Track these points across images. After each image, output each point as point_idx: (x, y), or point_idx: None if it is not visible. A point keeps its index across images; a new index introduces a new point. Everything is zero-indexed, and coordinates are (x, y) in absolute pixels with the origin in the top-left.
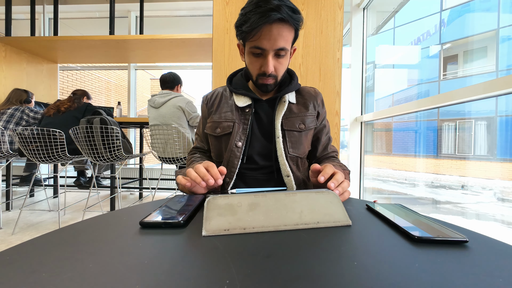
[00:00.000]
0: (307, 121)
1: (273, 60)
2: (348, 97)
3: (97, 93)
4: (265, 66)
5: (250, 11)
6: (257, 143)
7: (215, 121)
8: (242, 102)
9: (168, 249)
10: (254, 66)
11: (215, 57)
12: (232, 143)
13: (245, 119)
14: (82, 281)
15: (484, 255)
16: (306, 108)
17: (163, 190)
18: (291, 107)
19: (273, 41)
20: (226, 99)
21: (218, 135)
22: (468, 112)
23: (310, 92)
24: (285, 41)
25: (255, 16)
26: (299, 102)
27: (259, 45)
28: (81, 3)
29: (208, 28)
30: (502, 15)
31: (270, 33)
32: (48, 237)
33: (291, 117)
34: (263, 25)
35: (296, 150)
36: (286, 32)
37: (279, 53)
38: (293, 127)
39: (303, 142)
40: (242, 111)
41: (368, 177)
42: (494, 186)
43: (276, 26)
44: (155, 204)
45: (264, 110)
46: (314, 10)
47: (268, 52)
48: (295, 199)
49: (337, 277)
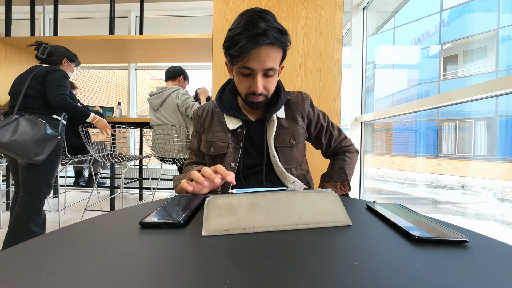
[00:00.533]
0: (297, 135)
1: (262, 80)
2: (348, 97)
3: (97, 93)
4: (254, 86)
5: (238, 33)
6: (249, 159)
7: (209, 141)
8: (233, 124)
9: (168, 249)
10: (243, 86)
11: (215, 57)
12: (226, 164)
13: (237, 140)
14: (82, 281)
15: (484, 255)
16: (295, 121)
17: (163, 190)
18: (280, 122)
19: (262, 62)
20: (218, 117)
21: (213, 154)
22: (468, 112)
23: (298, 101)
24: (273, 61)
25: (243, 41)
26: (287, 115)
27: (248, 65)
28: (81, 3)
29: (208, 28)
30: (502, 15)
31: (258, 55)
32: (48, 237)
33: (281, 133)
34: (252, 49)
35: (289, 163)
36: (274, 53)
37: (267, 73)
38: (284, 143)
39: (294, 155)
40: (234, 132)
41: (368, 177)
42: (494, 186)
43: (264, 48)
44: (155, 204)
45: (255, 129)
46: (314, 10)
47: (256, 72)
48: (295, 199)
49: (337, 277)
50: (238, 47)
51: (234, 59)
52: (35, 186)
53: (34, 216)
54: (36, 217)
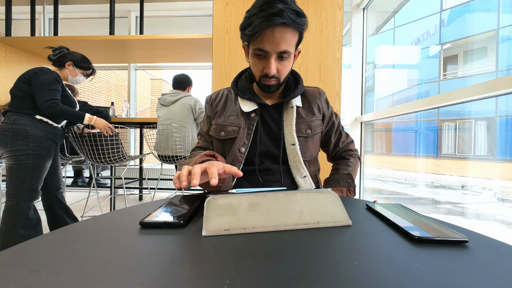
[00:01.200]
0: (314, 125)
1: (276, 62)
2: (348, 97)
3: (97, 93)
4: (268, 68)
5: (254, 14)
6: (262, 147)
7: (220, 124)
8: (248, 107)
9: (168, 249)
10: (257, 68)
11: (215, 57)
12: (235, 148)
13: (250, 124)
14: (82, 281)
15: (484, 255)
16: (312, 112)
17: (163, 190)
18: (298, 111)
19: (276, 44)
20: (231, 101)
21: (222, 138)
22: (468, 112)
23: (315, 93)
24: (288, 44)
25: (258, 20)
26: (304, 106)
27: (262, 47)
28: (81, 3)
29: (208, 28)
30: (502, 15)
31: (272, 36)
32: (48, 237)
33: (299, 123)
34: (265, 29)
35: (304, 155)
36: (289, 36)
37: (281, 55)
38: (301, 132)
39: (309, 147)
40: (248, 116)
41: (368, 177)
42: (494, 186)
43: (279, 29)
44: (155, 204)
45: (270, 115)
46: (314, 10)
47: (270, 55)
48: (295, 199)
49: (337, 277)
50: (252, 26)
51: (249, 40)
52: (17, 190)
53: (19, 221)
54: (23, 221)
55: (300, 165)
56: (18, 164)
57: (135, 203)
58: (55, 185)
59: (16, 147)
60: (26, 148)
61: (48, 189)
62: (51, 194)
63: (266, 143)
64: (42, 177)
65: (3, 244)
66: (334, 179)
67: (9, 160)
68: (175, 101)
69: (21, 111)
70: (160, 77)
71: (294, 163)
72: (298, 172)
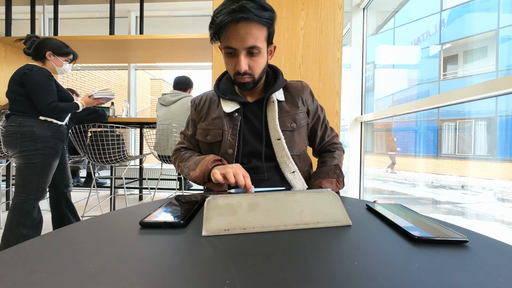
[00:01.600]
0: (298, 118)
1: (246, 59)
2: (348, 97)
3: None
4: (238, 65)
5: (218, 12)
6: (247, 146)
7: (205, 129)
8: (230, 107)
9: (168, 249)
10: (230, 66)
11: (215, 57)
12: (223, 150)
13: (234, 125)
14: (82, 281)
15: (484, 255)
16: (295, 105)
17: (163, 190)
18: (281, 105)
19: (242, 40)
20: (214, 104)
21: (209, 142)
22: (468, 112)
23: (297, 87)
24: (255, 39)
25: (220, 17)
26: (287, 99)
27: (229, 44)
28: (81, 3)
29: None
30: (502, 15)
31: (237, 33)
32: (48, 237)
33: (282, 117)
34: (228, 25)
35: (291, 150)
36: (254, 31)
37: (251, 51)
38: (285, 126)
39: (296, 140)
40: (231, 117)
41: (368, 177)
42: (494, 186)
43: (243, 25)
44: (155, 204)
45: (253, 112)
46: (314, 10)
47: (239, 51)
48: (295, 199)
49: (337, 277)
50: (215, 24)
51: (219, 40)
52: (25, 188)
53: (24, 219)
54: (27, 221)
55: (288, 160)
56: (26, 163)
57: (135, 203)
58: (64, 182)
59: (25, 148)
60: (35, 148)
61: (58, 186)
62: (60, 191)
63: (251, 142)
64: (49, 176)
65: (5, 242)
66: (322, 171)
67: (18, 159)
68: (175, 101)
69: (25, 114)
70: (160, 77)
71: (281, 158)
72: (287, 167)
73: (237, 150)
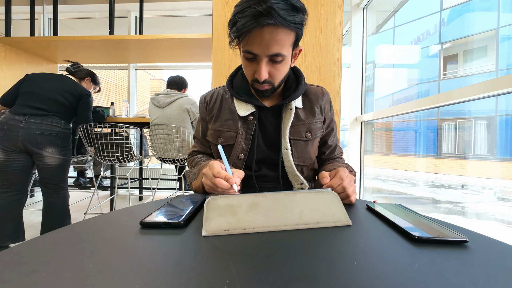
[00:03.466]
0: (314, 128)
1: (268, 66)
2: (348, 96)
3: (97, 93)
4: (258, 73)
5: (239, 11)
6: (260, 152)
7: (217, 130)
8: (245, 110)
9: (168, 249)
10: (248, 71)
11: (215, 57)
12: (234, 155)
13: (248, 129)
14: (82, 281)
15: (484, 255)
16: (313, 114)
17: (163, 190)
18: (297, 113)
19: (265, 46)
20: (227, 103)
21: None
22: (468, 112)
23: (317, 93)
24: (281, 46)
25: (243, 20)
26: (305, 106)
27: (250, 50)
28: (81, 3)
29: (208, 28)
30: (502, 15)
31: (261, 38)
32: (48, 237)
33: (297, 125)
34: (252, 30)
35: (301, 160)
36: (281, 36)
37: (274, 58)
38: (299, 136)
39: (308, 151)
40: (245, 120)
41: (368, 177)
42: (494, 186)
43: (268, 30)
44: (156, 204)
45: (269, 118)
46: (314, 10)
47: (261, 58)
48: (295, 199)
49: (337, 277)
50: (236, 27)
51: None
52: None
53: None
54: None
55: (294, 171)
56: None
57: (135, 203)
58: None
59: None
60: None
61: None
62: None
63: (263, 149)
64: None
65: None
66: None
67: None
68: (170, 102)
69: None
70: (160, 77)
71: (289, 168)
72: (293, 178)
73: (248, 156)
